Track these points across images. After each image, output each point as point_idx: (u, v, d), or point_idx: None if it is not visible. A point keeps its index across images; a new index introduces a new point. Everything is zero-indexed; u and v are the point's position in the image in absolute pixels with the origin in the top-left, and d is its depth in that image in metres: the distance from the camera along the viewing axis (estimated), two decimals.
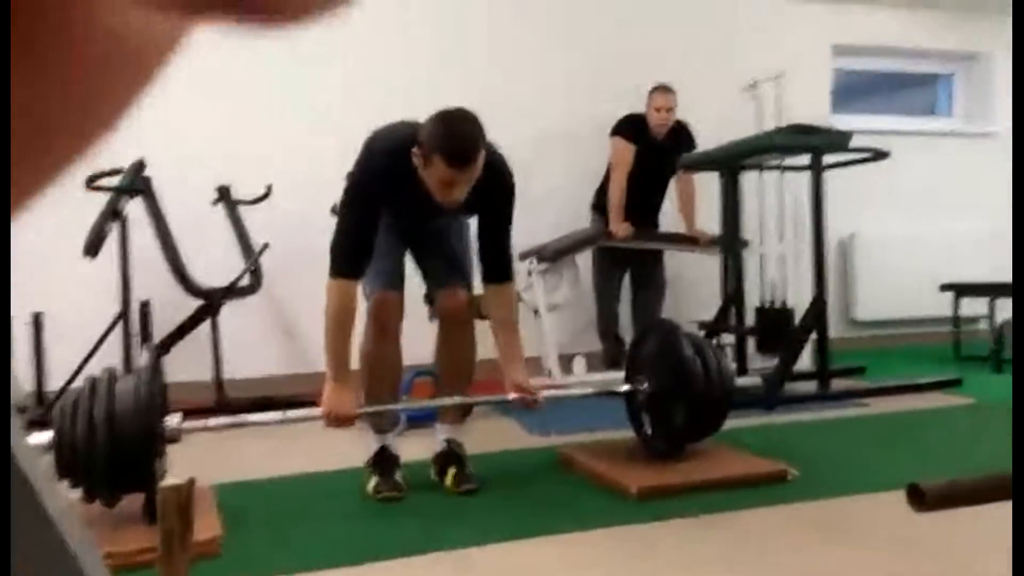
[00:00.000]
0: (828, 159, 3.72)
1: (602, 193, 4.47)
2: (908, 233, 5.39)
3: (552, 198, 4.55)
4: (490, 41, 4.67)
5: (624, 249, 4.39)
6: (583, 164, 4.68)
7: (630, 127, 4.38)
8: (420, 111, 2.20)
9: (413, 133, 2.15)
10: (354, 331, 2.23)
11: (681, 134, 4.42)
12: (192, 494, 1.00)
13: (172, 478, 1.01)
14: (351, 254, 2.19)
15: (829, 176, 3.67)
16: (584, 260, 4.45)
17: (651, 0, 5.04)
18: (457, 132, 2.07)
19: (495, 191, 2.27)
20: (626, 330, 4.48)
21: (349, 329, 2.20)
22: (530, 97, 4.62)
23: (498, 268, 2.35)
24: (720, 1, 5.14)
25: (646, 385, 2.50)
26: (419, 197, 2.18)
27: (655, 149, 4.34)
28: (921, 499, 1.22)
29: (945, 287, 4.73)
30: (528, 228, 3.60)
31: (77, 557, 0.57)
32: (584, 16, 4.95)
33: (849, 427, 3.07)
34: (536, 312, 4.12)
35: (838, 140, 3.70)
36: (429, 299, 2.49)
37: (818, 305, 3.54)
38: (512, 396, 2.30)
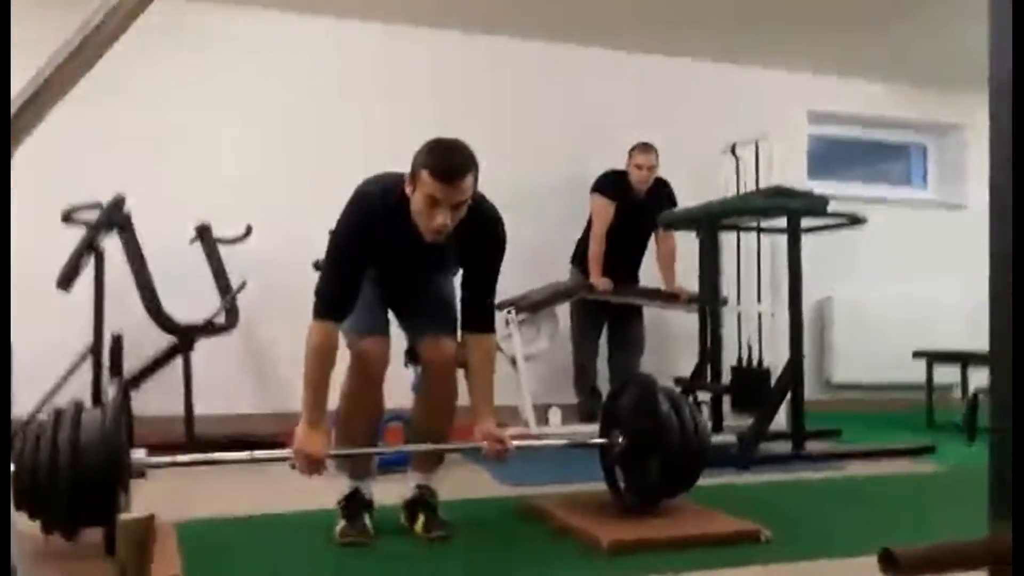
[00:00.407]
0: (806, 223, 3.78)
1: (582, 247, 4.50)
2: (883, 298, 5.47)
3: (531, 249, 4.56)
4: (469, 92, 4.75)
5: (603, 304, 4.41)
6: (563, 217, 4.74)
7: (610, 184, 4.44)
8: (402, 158, 2.21)
9: (402, 177, 2.17)
10: (333, 374, 2.20)
11: (661, 192, 4.48)
12: (152, 529, 0.97)
13: (134, 513, 0.99)
14: (335, 296, 2.17)
15: (807, 239, 3.73)
16: (563, 312, 4.46)
17: (634, 61, 5.18)
18: (446, 148, 2.10)
19: (485, 240, 2.28)
20: (602, 384, 4.48)
21: (328, 371, 2.18)
22: (510, 150, 4.68)
23: (480, 318, 2.34)
24: (700, 65, 5.28)
25: (621, 439, 2.48)
26: (407, 241, 2.18)
27: (635, 206, 4.39)
28: (894, 565, 1.21)
29: (918, 354, 4.78)
30: (507, 278, 3.61)
31: None
32: (566, 72, 5.06)
33: (824, 489, 3.06)
34: (513, 362, 4.11)
35: (816, 204, 3.77)
36: (411, 355, 2.45)
37: (794, 365, 3.56)
38: (483, 444, 2.27)
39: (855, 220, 3.87)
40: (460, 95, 4.69)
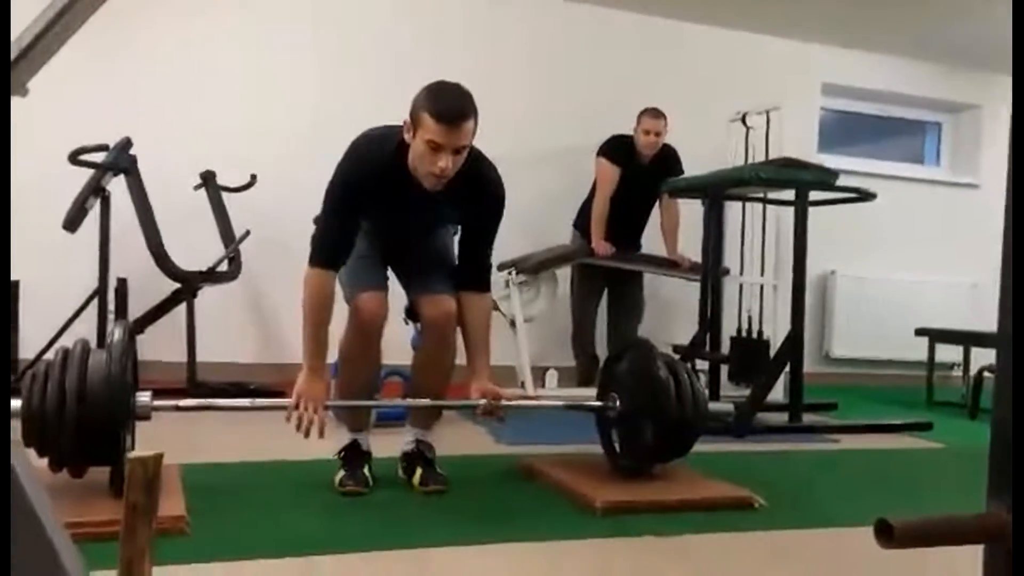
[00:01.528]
0: (814, 196, 3.76)
1: (584, 211, 4.49)
2: (887, 276, 5.47)
3: (533, 212, 4.57)
4: (478, 52, 4.70)
5: (604, 268, 4.41)
6: (566, 180, 4.72)
7: (616, 148, 4.40)
8: (407, 112, 2.19)
9: (399, 129, 2.16)
10: (331, 321, 2.22)
11: (668, 158, 4.45)
12: (160, 468, 0.99)
13: (139, 452, 1.00)
14: (331, 244, 2.19)
15: (813, 212, 3.71)
16: (564, 275, 4.46)
17: (646, 26, 5.11)
18: (447, 90, 2.09)
19: (483, 197, 2.29)
20: (600, 349, 4.50)
21: (326, 318, 2.19)
22: (516, 111, 4.64)
23: (477, 277, 2.36)
24: (713, 31, 5.21)
25: (618, 402, 2.50)
26: (405, 192, 2.18)
27: (640, 171, 4.37)
28: (889, 534, 1.22)
29: (920, 332, 4.79)
30: (508, 239, 3.61)
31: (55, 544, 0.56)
32: (578, 34, 5.00)
33: (818, 461, 3.10)
34: (512, 323, 4.13)
35: (824, 178, 3.75)
36: (411, 314, 2.46)
37: (795, 337, 3.58)
38: (479, 401, 2.30)
39: (864, 195, 3.86)
40: (467, 53, 4.63)
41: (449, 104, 2.06)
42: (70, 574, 0.62)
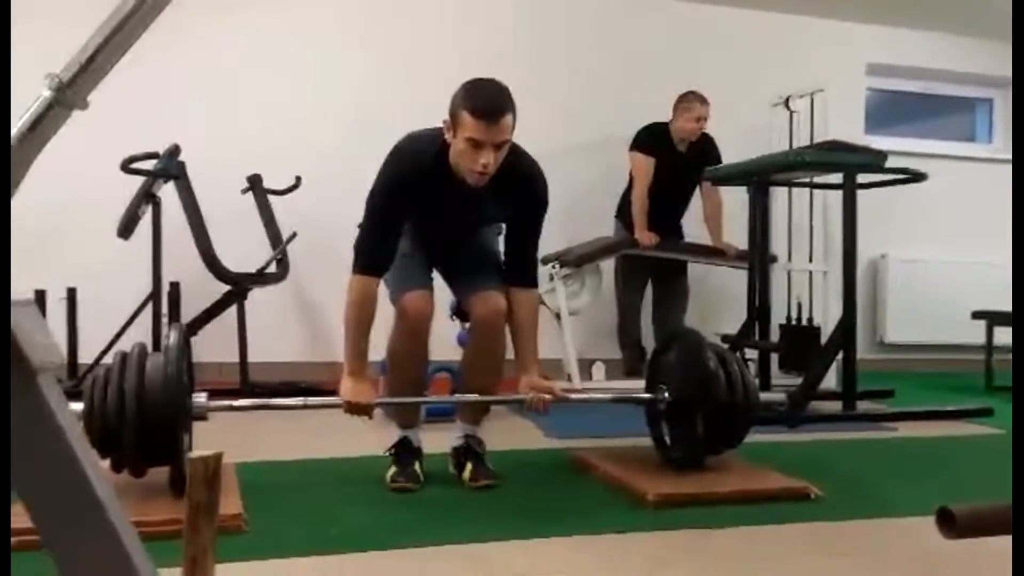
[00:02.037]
0: (862, 179, 3.68)
1: (625, 202, 4.47)
2: (941, 258, 5.33)
3: (576, 204, 4.56)
4: (519, 46, 4.69)
5: (648, 259, 4.38)
6: (607, 170, 4.69)
7: (648, 139, 4.38)
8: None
9: (440, 131, 2.17)
10: (373, 326, 2.24)
11: (707, 146, 4.42)
12: (220, 467, 1.01)
13: (200, 451, 1.02)
14: (374, 250, 2.21)
15: (862, 195, 3.63)
16: (608, 267, 4.44)
17: (684, 12, 5.05)
18: (484, 87, 2.10)
19: (527, 194, 2.29)
20: (646, 340, 4.47)
21: (368, 324, 2.22)
22: (554, 102, 4.63)
23: (523, 273, 2.36)
24: (753, 15, 5.13)
25: (667, 394, 2.48)
26: (448, 192, 2.19)
27: (677, 158, 4.35)
28: (951, 524, 1.18)
29: (977, 315, 4.66)
30: (551, 232, 3.60)
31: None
32: (614, 21, 4.96)
33: (875, 450, 3.03)
34: (557, 316, 4.12)
35: (872, 160, 3.66)
36: (458, 312, 2.47)
37: (846, 324, 3.50)
38: (526, 395, 2.30)
39: (915, 176, 3.76)
40: (506, 46, 4.63)
41: (486, 100, 2.07)
42: (140, 573, 0.63)
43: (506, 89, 2.11)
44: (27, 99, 0.64)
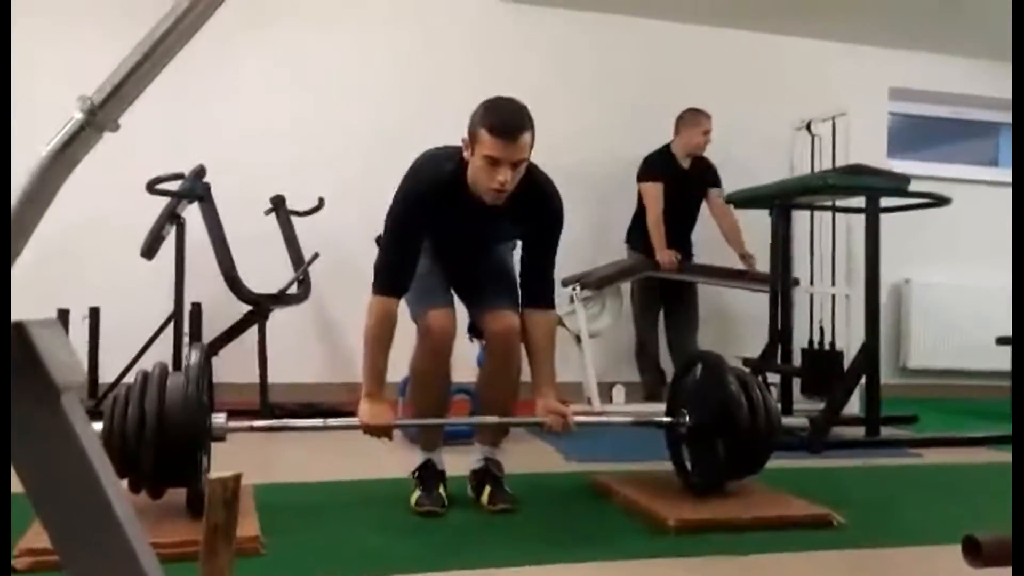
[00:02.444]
0: (885, 203, 3.65)
1: (634, 228, 4.52)
2: (965, 283, 5.27)
3: (593, 226, 4.56)
4: (542, 68, 4.72)
5: (661, 281, 4.38)
6: (631, 194, 4.69)
7: (654, 166, 4.45)
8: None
9: (458, 150, 2.18)
10: (392, 347, 2.24)
11: (706, 162, 4.52)
12: (239, 488, 1.01)
13: (218, 473, 1.02)
14: (393, 271, 2.21)
15: (885, 219, 3.60)
16: (628, 290, 4.42)
17: (709, 37, 5.07)
18: (502, 106, 2.11)
19: (543, 212, 2.29)
20: (665, 363, 4.45)
21: (387, 345, 2.22)
22: (582, 127, 4.66)
23: (540, 294, 2.35)
24: (776, 39, 5.14)
25: (688, 418, 2.46)
26: (466, 211, 2.20)
27: (681, 176, 4.43)
28: (977, 552, 1.16)
29: (1002, 340, 4.58)
30: (571, 255, 3.61)
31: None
32: (635, 45, 4.99)
33: (899, 476, 2.98)
34: (578, 339, 4.11)
35: (895, 184, 3.64)
36: (474, 330, 2.46)
37: (870, 349, 3.46)
38: (545, 419, 2.29)
39: (939, 200, 3.73)
40: (527, 71, 4.66)
41: (505, 118, 2.07)
42: None
43: (525, 108, 2.12)
44: (58, 120, 0.65)
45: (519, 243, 2.43)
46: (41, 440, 0.60)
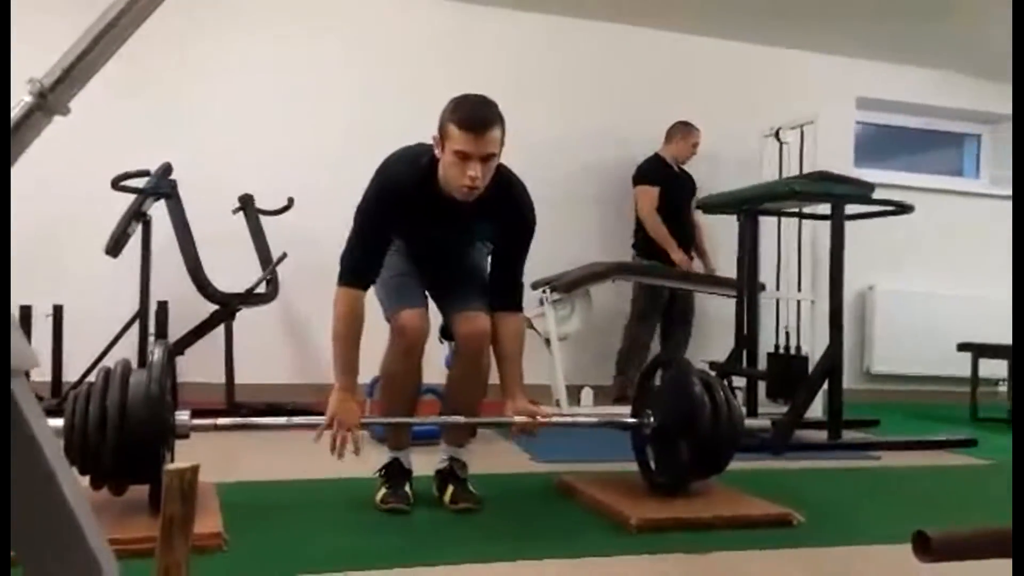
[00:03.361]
0: (851, 210, 3.71)
1: (638, 235, 4.64)
2: (928, 290, 5.38)
3: (567, 230, 4.59)
4: (508, 73, 4.73)
5: (665, 292, 4.48)
6: (598, 198, 4.75)
7: (651, 172, 4.60)
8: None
9: (429, 148, 2.19)
10: (362, 341, 2.23)
11: (688, 174, 4.73)
12: (196, 480, 1.01)
13: (176, 464, 1.02)
14: (358, 262, 2.21)
15: (851, 227, 3.67)
16: (597, 293, 4.44)
17: (677, 43, 5.12)
18: (471, 101, 2.13)
19: (513, 213, 2.31)
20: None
21: (357, 337, 2.21)
22: (549, 133, 4.69)
23: (509, 296, 2.36)
24: (745, 48, 5.21)
25: (653, 419, 2.48)
26: (436, 209, 2.21)
27: (677, 183, 4.57)
28: (927, 547, 1.19)
29: (962, 347, 4.69)
30: (542, 259, 3.62)
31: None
32: (608, 51, 5.03)
33: (858, 478, 3.04)
34: (547, 341, 4.13)
35: (860, 191, 3.70)
36: (445, 332, 2.46)
37: (833, 353, 3.52)
38: (513, 419, 2.30)
39: (902, 208, 3.80)
40: (498, 74, 4.68)
41: (473, 112, 2.09)
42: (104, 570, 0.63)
43: (493, 103, 2.14)
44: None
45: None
46: None
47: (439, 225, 2.28)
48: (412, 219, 2.25)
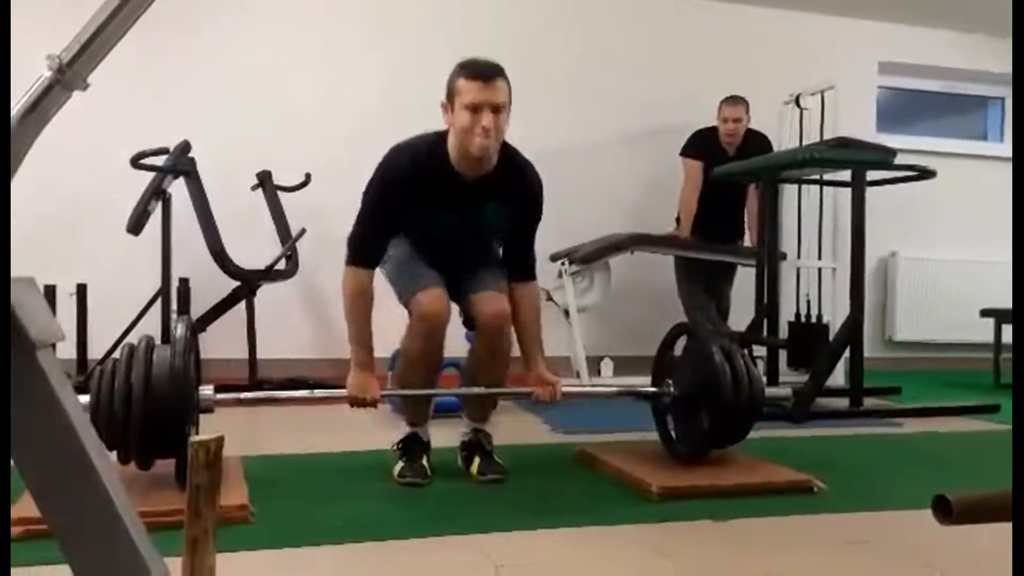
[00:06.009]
0: (872, 176, 3.67)
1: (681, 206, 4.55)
2: (950, 256, 5.31)
3: (586, 202, 4.57)
4: (529, 45, 4.69)
5: (700, 262, 4.39)
6: (618, 169, 4.70)
7: (697, 145, 4.45)
8: None
9: (437, 134, 2.23)
10: (376, 316, 2.25)
11: (757, 145, 4.43)
12: (221, 450, 1.02)
13: (201, 436, 1.04)
14: (365, 242, 2.24)
15: (873, 193, 3.62)
16: (616, 265, 4.42)
17: (696, 10, 5.04)
18: (474, 58, 2.19)
19: (524, 184, 2.32)
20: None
21: (367, 313, 2.24)
22: (569, 102, 4.65)
23: (523, 267, 2.39)
24: (764, 12, 5.12)
25: (673, 388, 2.49)
26: (449, 187, 2.22)
27: (725, 161, 4.33)
28: (947, 511, 1.19)
29: (986, 312, 4.64)
30: (560, 230, 3.61)
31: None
32: (629, 23, 4.96)
33: (880, 445, 3.03)
34: (566, 313, 4.13)
35: (882, 157, 3.65)
36: (467, 323, 2.44)
37: (854, 321, 3.50)
38: (534, 389, 2.32)
39: (924, 173, 3.75)
40: (519, 46, 4.63)
41: (479, 64, 2.16)
42: (146, 561, 0.65)
43: (499, 65, 2.18)
44: (29, 79, 0.66)
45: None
46: (18, 394, 0.61)
47: (453, 205, 2.27)
48: (423, 202, 2.24)
